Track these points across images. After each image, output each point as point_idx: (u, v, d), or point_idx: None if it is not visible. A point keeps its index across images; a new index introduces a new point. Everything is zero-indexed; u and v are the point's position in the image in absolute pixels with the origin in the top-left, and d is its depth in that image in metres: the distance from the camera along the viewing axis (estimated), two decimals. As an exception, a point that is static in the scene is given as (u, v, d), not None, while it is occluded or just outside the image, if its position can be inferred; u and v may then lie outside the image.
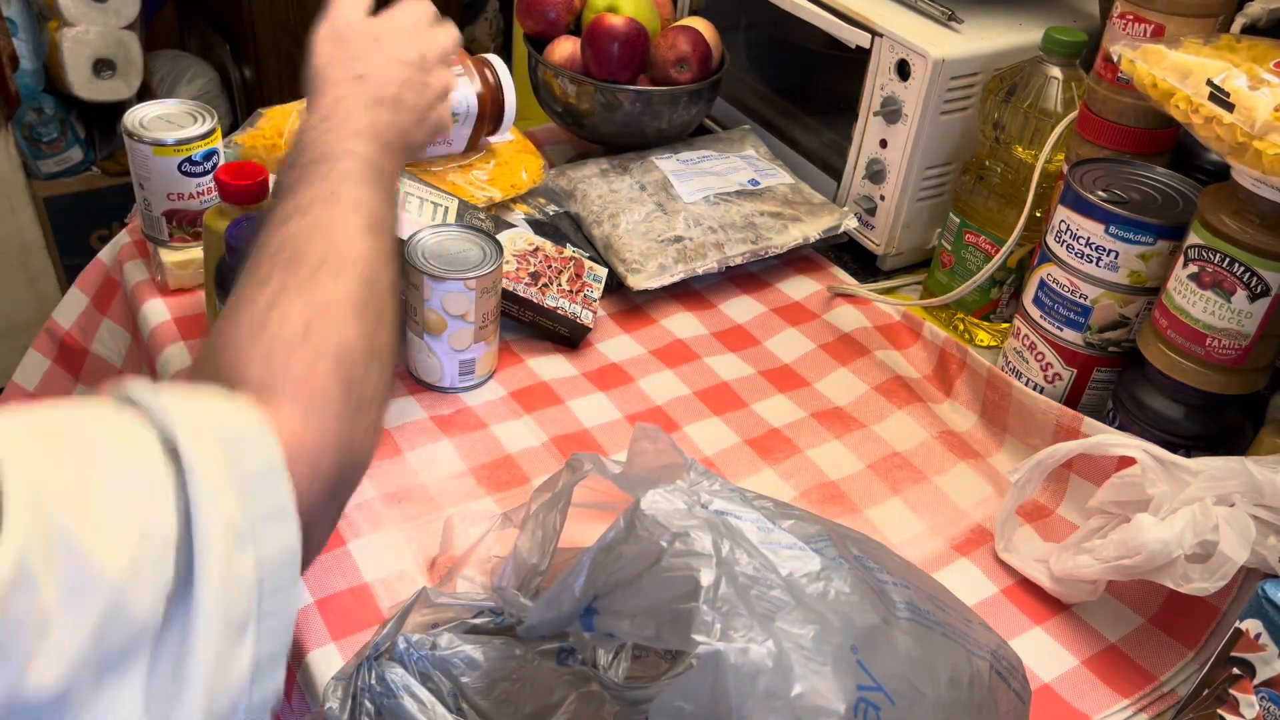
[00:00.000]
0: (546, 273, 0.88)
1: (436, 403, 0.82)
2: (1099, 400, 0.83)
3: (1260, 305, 0.69)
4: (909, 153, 0.96)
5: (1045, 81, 0.87)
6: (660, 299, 0.98)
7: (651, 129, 1.05)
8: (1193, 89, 0.66)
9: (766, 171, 1.06)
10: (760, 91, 1.18)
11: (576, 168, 1.04)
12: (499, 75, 0.95)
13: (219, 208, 0.76)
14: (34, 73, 1.83)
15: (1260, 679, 0.54)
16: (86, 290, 0.98)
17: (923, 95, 0.92)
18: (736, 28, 1.19)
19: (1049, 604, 0.72)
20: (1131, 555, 0.63)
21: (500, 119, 0.96)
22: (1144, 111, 0.79)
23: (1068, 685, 0.67)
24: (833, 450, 0.83)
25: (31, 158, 1.89)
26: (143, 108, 0.86)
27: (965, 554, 0.75)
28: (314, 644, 0.63)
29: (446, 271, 0.77)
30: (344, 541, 0.70)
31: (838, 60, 1.02)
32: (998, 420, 0.85)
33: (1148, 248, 0.75)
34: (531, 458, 0.79)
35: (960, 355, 0.88)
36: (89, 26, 1.76)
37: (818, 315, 0.97)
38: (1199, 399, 0.74)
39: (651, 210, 0.98)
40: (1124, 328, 0.80)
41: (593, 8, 1.04)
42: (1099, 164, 0.80)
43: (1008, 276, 0.92)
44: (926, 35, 0.93)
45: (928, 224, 1.02)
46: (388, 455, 0.77)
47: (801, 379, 0.90)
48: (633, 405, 0.85)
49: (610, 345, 0.92)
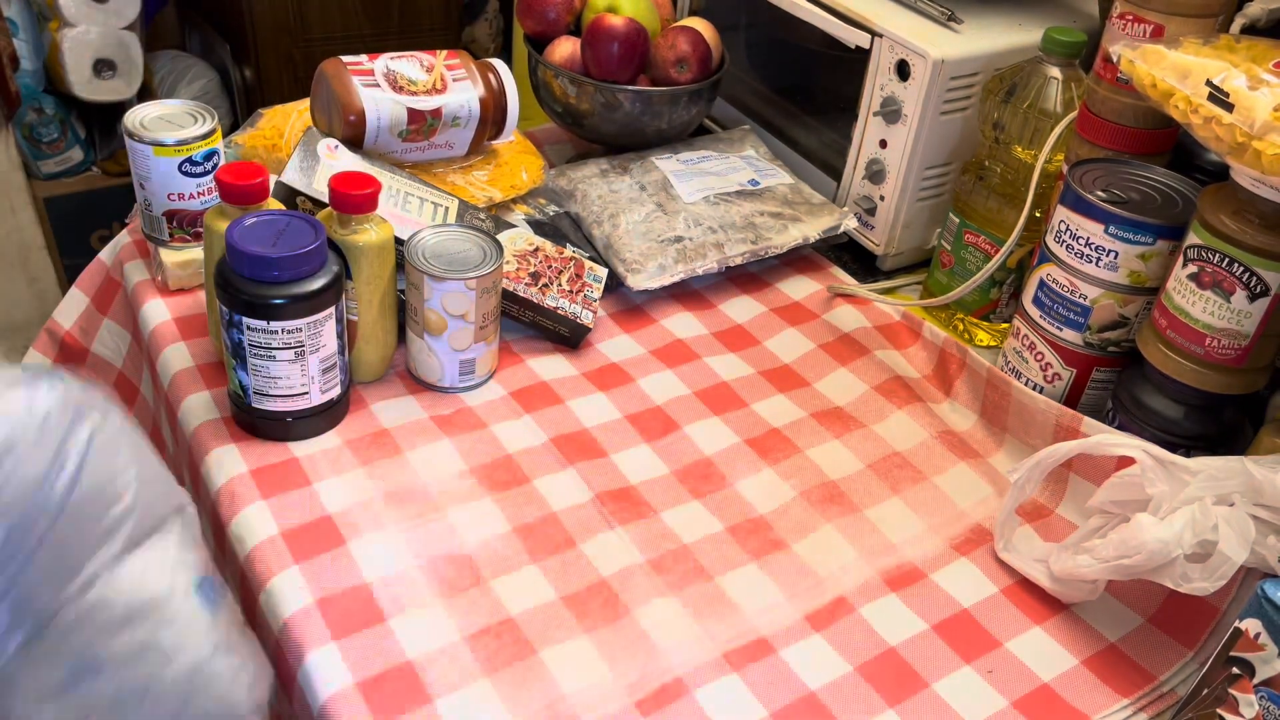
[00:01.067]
0: (546, 273, 0.88)
1: (436, 403, 0.82)
2: (1099, 400, 0.83)
3: (1260, 305, 0.69)
4: (909, 153, 0.96)
5: (1045, 82, 0.87)
6: (660, 299, 0.98)
7: (651, 129, 1.05)
8: (1192, 89, 0.66)
9: (766, 171, 1.07)
10: (760, 91, 1.18)
11: (576, 168, 1.04)
12: (502, 79, 0.95)
13: (219, 208, 0.76)
14: (34, 73, 1.83)
15: (1260, 678, 0.55)
16: (87, 290, 0.98)
17: (922, 95, 0.92)
18: (736, 28, 1.19)
19: (1049, 604, 0.72)
20: (1131, 555, 0.63)
21: (503, 123, 0.96)
22: (1143, 111, 0.79)
23: (1067, 685, 0.67)
24: (832, 450, 0.83)
25: (32, 158, 1.89)
26: (143, 108, 0.86)
27: (965, 554, 0.75)
28: (314, 644, 0.63)
29: (447, 271, 0.77)
30: (344, 541, 0.70)
31: (838, 60, 1.02)
32: (997, 420, 0.85)
33: (1147, 248, 0.75)
34: (531, 458, 0.79)
35: (960, 355, 0.88)
36: (89, 27, 1.76)
37: (818, 315, 0.97)
38: (1198, 399, 0.74)
39: (651, 210, 0.98)
40: (1123, 328, 0.80)
41: (593, 8, 1.04)
42: (1099, 164, 0.80)
43: (1007, 276, 0.92)
44: (926, 35, 0.93)
45: (927, 224, 1.02)
46: (388, 455, 0.77)
47: (801, 379, 0.90)
48: (633, 405, 0.85)
49: (610, 345, 0.92)
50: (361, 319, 0.79)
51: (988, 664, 0.67)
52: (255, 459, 0.75)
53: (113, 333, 0.96)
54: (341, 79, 0.88)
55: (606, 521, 0.74)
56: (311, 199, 0.83)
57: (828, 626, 0.68)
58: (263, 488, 0.73)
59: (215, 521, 0.73)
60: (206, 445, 0.76)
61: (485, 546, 0.71)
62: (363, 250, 0.75)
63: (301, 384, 0.74)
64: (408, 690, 0.61)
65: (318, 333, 0.72)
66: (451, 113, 0.91)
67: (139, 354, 0.94)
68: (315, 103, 0.92)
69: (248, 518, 0.71)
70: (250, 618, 0.69)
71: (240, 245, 0.69)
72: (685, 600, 0.69)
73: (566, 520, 0.74)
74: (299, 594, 0.66)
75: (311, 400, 0.75)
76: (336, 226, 0.75)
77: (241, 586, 0.70)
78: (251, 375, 0.73)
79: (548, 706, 0.61)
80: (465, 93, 0.92)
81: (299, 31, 1.87)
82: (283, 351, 0.72)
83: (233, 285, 0.70)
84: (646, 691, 0.63)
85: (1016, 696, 0.65)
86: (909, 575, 0.73)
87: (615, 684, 0.63)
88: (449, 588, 0.68)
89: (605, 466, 0.79)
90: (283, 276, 0.69)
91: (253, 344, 0.71)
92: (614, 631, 0.66)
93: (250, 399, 0.74)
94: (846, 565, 0.73)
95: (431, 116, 0.90)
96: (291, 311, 0.70)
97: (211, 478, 0.74)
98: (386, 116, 0.88)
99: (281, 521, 0.70)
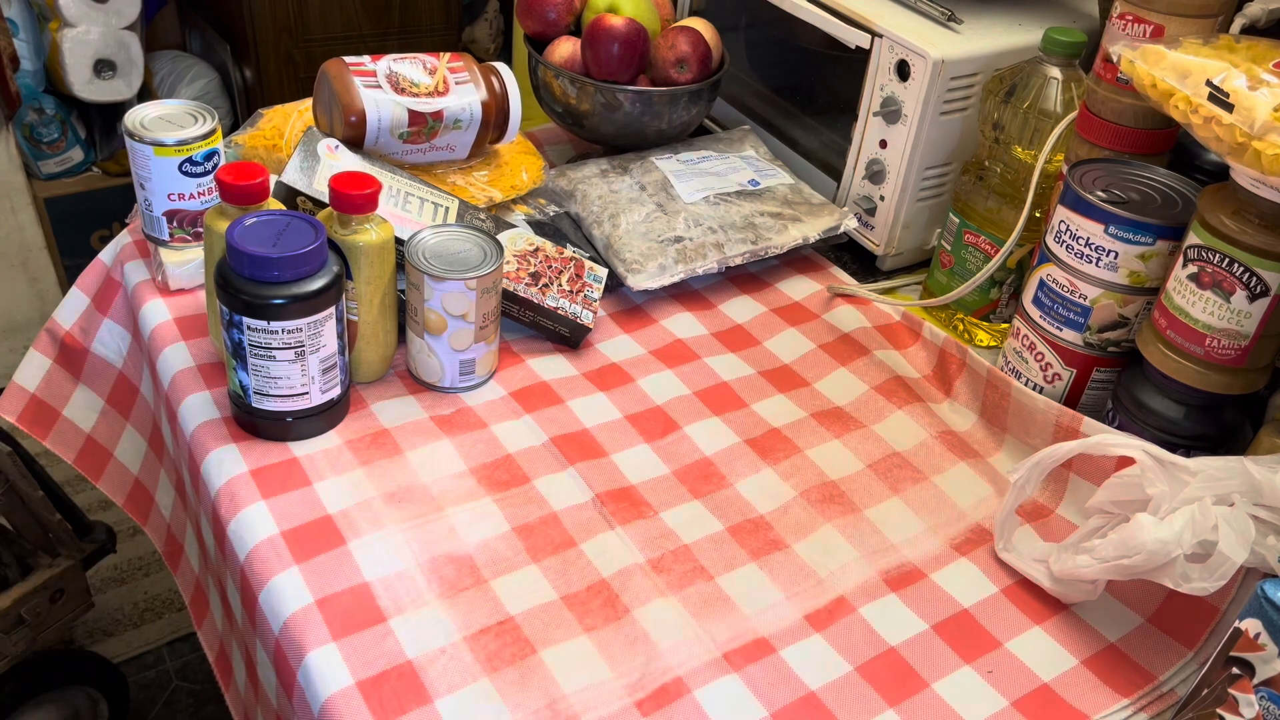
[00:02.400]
0: (547, 273, 0.88)
1: (436, 403, 0.82)
2: (1099, 400, 0.83)
3: (1259, 305, 0.69)
4: (909, 153, 0.96)
5: (1045, 82, 0.87)
6: (660, 299, 0.98)
7: (651, 129, 1.05)
8: (1192, 89, 0.66)
9: (766, 172, 1.07)
10: (760, 91, 1.18)
11: (576, 168, 1.04)
12: (505, 84, 0.94)
13: (219, 208, 0.76)
14: (35, 73, 1.83)
15: (1259, 679, 0.55)
16: (87, 290, 0.98)
17: (922, 95, 0.92)
18: (736, 28, 1.19)
19: (1049, 604, 0.72)
20: (1131, 555, 0.63)
21: (505, 127, 0.96)
22: (1143, 112, 0.79)
23: (1067, 685, 0.67)
24: (832, 450, 0.83)
25: (32, 158, 1.89)
26: (143, 108, 0.86)
27: (965, 554, 0.75)
28: (314, 644, 0.63)
29: (447, 271, 0.77)
30: (344, 541, 0.70)
31: (838, 60, 1.02)
32: (997, 420, 0.85)
33: (1147, 248, 0.75)
34: (531, 458, 0.79)
35: (960, 355, 0.88)
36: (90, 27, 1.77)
37: (817, 315, 0.97)
38: (1198, 399, 0.74)
39: (651, 210, 0.98)
40: (1123, 328, 0.80)
41: (593, 8, 1.04)
42: (1098, 164, 0.80)
43: (1007, 277, 0.92)
44: (926, 36, 0.93)
45: (927, 224, 1.03)
46: (388, 455, 0.77)
47: (801, 379, 0.90)
48: (633, 405, 0.85)
49: (610, 345, 0.92)
50: (361, 319, 0.79)
51: (988, 664, 0.67)
52: (255, 459, 0.75)
53: (113, 333, 0.97)
54: (343, 79, 0.88)
55: (606, 521, 0.74)
56: (312, 199, 0.83)
57: (828, 626, 0.68)
58: (263, 488, 0.73)
59: (215, 521, 0.73)
60: (206, 445, 0.76)
61: (485, 546, 0.71)
62: (363, 250, 0.75)
63: (301, 384, 0.74)
64: (408, 690, 0.61)
65: (318, 333, 0.72)
66: (453, 115, 0.91)
67: (139, 354, 0.94)
68: (317, 102, 0.92)
69: (248, 518, 0.71)
70: (250, 618, 0.70)
71: (240, 245, 0.69)
72: (685, 600, 0.69)
73: (566, 520, 0.74)
74: (299, 594, 0.66)
75: (311, 400, 0.75)
76: (337, 226, 0.75)
77: (241, 586, 0.70)
78: (251, 375, 0.73)
79: (548, 706, 0.61)
80: (467, 96, 0.92)
81: (299, 31, 1.87)
82: (283, 351, 0.72)
83: (233, 285, 0.70)
84: (646, 691, 0.63)
85: (1016, 696, 0.65)
86: (909, 575, 0.73)
87: (615, 684, 0.63)
88: (449, 588, 0.68)
89: (605, 466, 0.79)
90: (283, 276, 0.69)
91: (253, 344, 0.71)
92: (614, 631, 0.66)
93: (250, 399, 0.74)
94: (846, 565, 0.73)
95: (432, 119, 0.90)
96: (291, 311, 0.70)
97: (211, 478, 0.74)
98: (387, 117, 0.88)
99: (281, 521, 0.70)
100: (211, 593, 0.85)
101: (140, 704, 1.50)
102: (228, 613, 0.79)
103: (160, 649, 1.58)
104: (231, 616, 0.77)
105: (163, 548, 0.98)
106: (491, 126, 0.94)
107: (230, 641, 0.81)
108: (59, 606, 1.25)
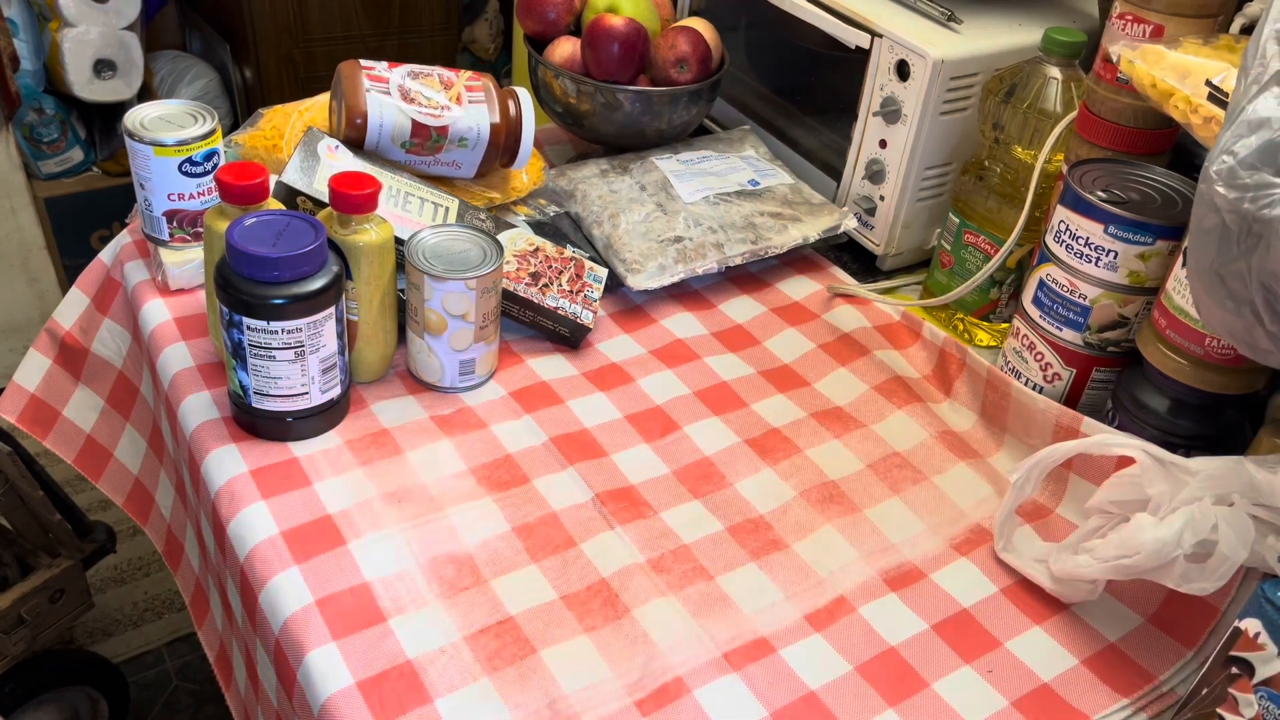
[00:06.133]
0: (547, 273, 0.88)
1: (436, 403, 0.82)
2: (1098, 400, 0.83)
3: (1259, 305, 0.69)
4: (909, 153, 0.96)
5: (1045, 82, 0.87)
6: (660, 299, 0.98)
7: (651, 129, 1.05)
8: (1192, 89, 0.66)
9: (766, 172, 1.07)
10: (760, 91, 1.18)
11: (576, 168, 1.04)
12: (521, 110, 0.93)
13: (219, 208, 0.76)
14: (35, 73, 1.83)
15: (1259, 678, 0.55)
16: (87, 290, 0.98)
17: (922, 96, 0.92)
18: (736, 28, 1.19)
19: (1048, 604, 0.72)
20: (1131, 555, 0.63)
21: (515, 151, 0.94)
22: (1143, 112, 0.79)
23: (1067, 685, 0.67)
24: (832, 450, 0.83)
25: (32, 158, 1.89)
26: (143, 108, 0.86)
27: (965, 554, 0.75)
28: (314, 644, 0.63)
29: (447, 271, 0.77)
30: (344, 541, 0.70)
31: (838, 60, 1.02)
32: (997, 420, 0.85)
33: (1147, 248, 0.75)
34: (531, 458, 0.79)
35: (960, 355, 0.88)
36: (89, 27, 1.77)
37: (817, 315, 0.97)
38: (1198, 399, 0.74)
39: (651, 210, 0.98)
40: (1123, 328, 0.80)
41: (593, 8, 1.04)
42: (1098, 164, 0.80)
43: (1007, 276, 0.92)
44: (926, 36, 0.93)
45: (927, 224, 1.03)
46: (387, 455, 0.77)
47: (801, 379, 0.90)
48: (633, 405, 0.85)
49: (610, 345, 0.92)
50: (361, 319, 0.79)
51: (987, 664, 0.67)
52: (255, 459, 0.75)
53: (113, 333, 0.97)
54: (353, 80, 0.88)
55: (606, 521, 0.74)
56: (312, 199, 0.83)
57: (828, 626, 0.69)
58: (263, 488, 0.73)
59: (215, 521, 0.73)
60: (206, 445, 0.76)
61: (485, 546, 0.71)
62: (363, 250, 0.75)
63: (301, 384, 0.74)
64: (408, 690, 0.61)
65: (318, 333, 0.72)
66: (458, 133, 0.90)
67: (139, 354, 0.94)
68: (332, 99, 0.93)
69: (248, 518, 0.71)
70: (250, 618, 0.70)
71: (240, 245, 0.69)
72: (685, 600, 0.69)
73: (566, 520, 0.74)
74: (299, 594, 0.66)
75: (311, 400, 0.75)
76: (337, 226, 0.75)
77: (241, 586, 0.70)
78: (251, 375, 0.73)
79: (548, 706, 0.61)
80: (477, 116, 0.91)
81: (299, 32, 1.87)
82: (283, 351, 0.72)
83: (233, 285, 0.70)
84: (646, 691, 0.63)
85: (1016, 696, 0.65)
86: (909, 575, 0.73)
87: (615, 683, 0.63)
88: (449, 588, 0.68)
89: (605, 466, 0.79)
90: (283, 276, 0.69)
91: (253, 344, 0.71)
92: (614, 631, 0.66)
93: (250, 399, 0.74)
94: (846, 565, 0.73)
95: (437, 133, 0.89)
96: (291, 311, 0.70)
97: (211, 478, 0.74)
98: (390, 125, 0.88)
99: (281, 521, 0.70)
100: (211, 593, 0.85)
101: (140, 704, 1.50)
102: (228, 613, 0.79)
103: (160, 649, 1.58)
104: (231, 616, 0.77)
105: (163, 548, 0.98)
106: (501, 149, 0.93)
107: (230, 641, 0.81)
108: (59, 606, 1.25)
